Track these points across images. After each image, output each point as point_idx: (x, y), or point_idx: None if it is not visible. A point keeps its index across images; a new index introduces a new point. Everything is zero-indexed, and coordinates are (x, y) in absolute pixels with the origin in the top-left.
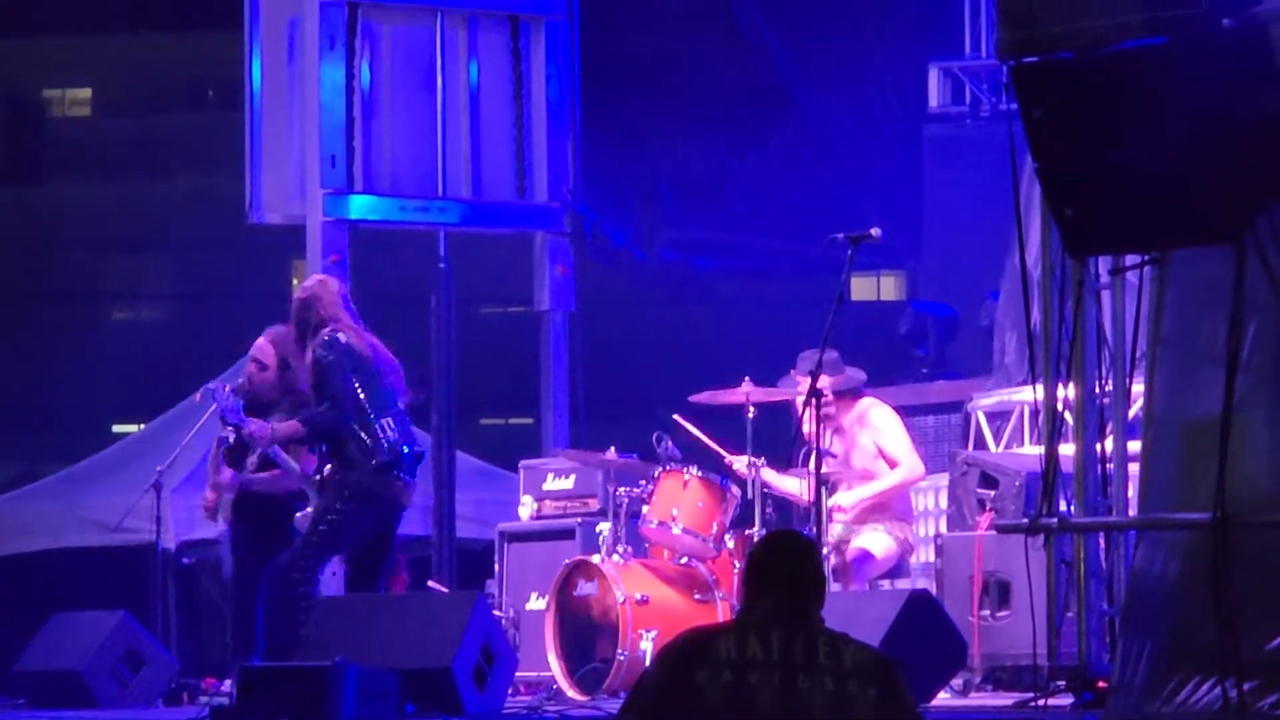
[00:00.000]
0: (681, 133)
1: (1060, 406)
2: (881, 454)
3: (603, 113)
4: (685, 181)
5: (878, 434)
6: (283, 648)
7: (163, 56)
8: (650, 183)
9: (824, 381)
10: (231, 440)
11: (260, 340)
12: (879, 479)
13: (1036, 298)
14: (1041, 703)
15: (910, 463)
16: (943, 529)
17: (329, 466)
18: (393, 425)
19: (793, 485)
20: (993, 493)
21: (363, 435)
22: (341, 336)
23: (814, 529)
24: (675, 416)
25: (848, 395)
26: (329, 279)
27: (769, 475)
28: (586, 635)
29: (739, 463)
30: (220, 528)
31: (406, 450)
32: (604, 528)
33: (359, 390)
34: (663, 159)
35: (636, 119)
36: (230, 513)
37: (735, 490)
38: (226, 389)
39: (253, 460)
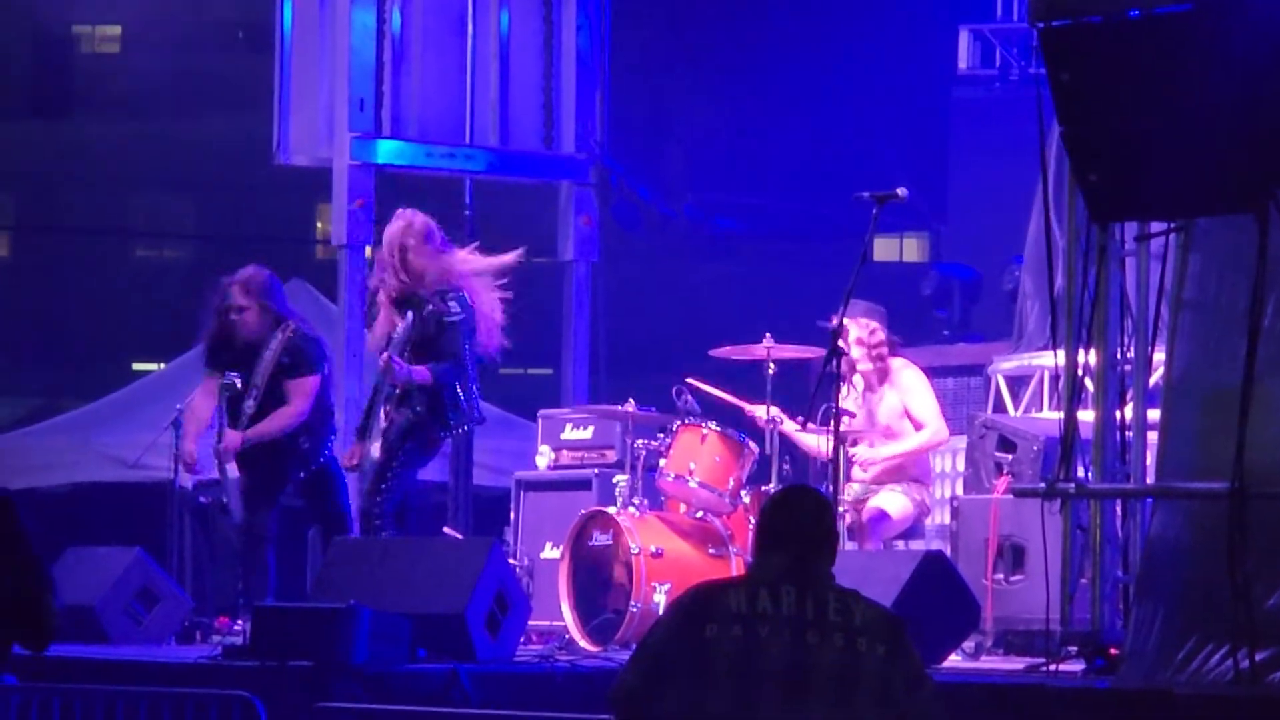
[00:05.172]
0: (709, 93)
1: (1081, 372)
2: (908, 414)
3: (633, 69)
4: (713, 142)
5: (907, 394)
6: None
7: None
8: (680, 141)
9: (875, 325)
10: (240, 385)
11: (231, 289)
12: (903, 438)
13: (1061, 263)
14: (1053, 668)
15: (936, 426)
16: (959, 491)
17: (403, 412)
18: (477, 393)
19: (812, 440)
20: (1010, 457)
21: (461, 397)
22: (468, 297)
23: (831, 487)
24: (689, 380)
25: (886, 348)
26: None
27: (789, 428)
28: (600, 586)
29: (759, 412)
30: (234, 475)
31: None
32: (621, 479)
33: (469, 353)
34: (692, 119)
35: (665, 78)
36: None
37: (753, 446)
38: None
39: (250, 405)
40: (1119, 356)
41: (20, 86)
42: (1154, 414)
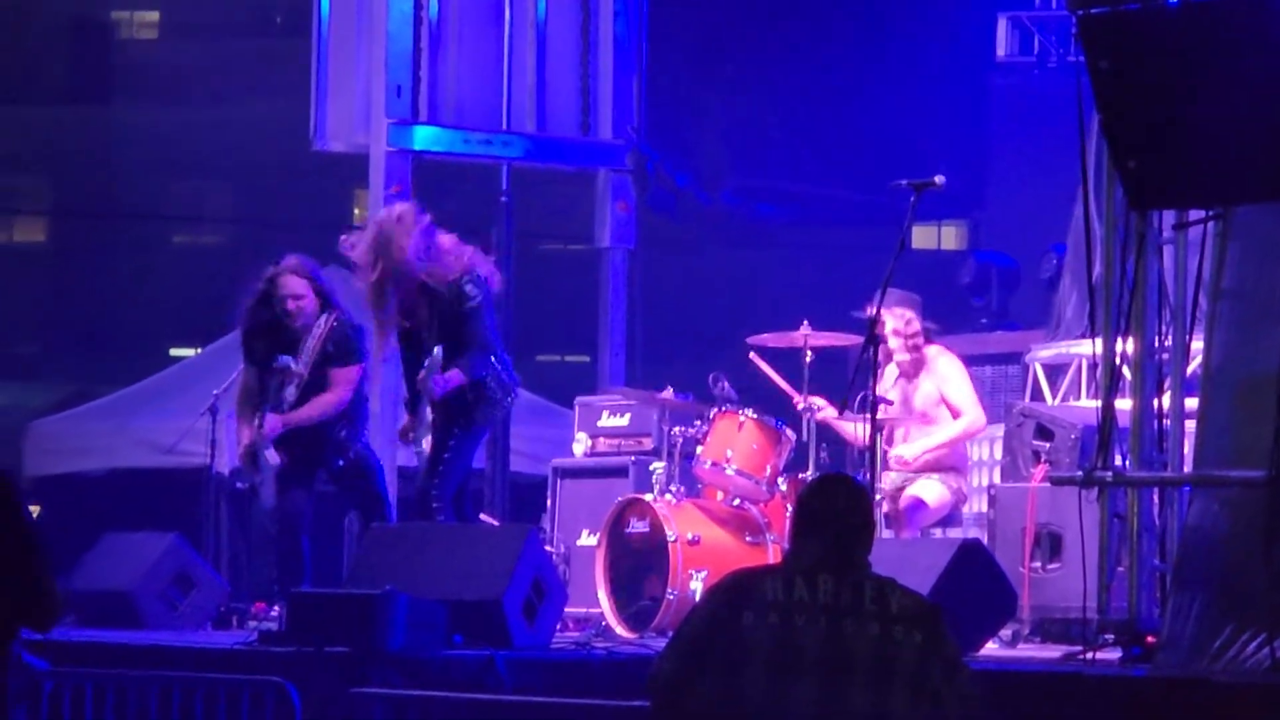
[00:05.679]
0: (747, 80)
1: (1118, 360)
2: (945, 402)
3: (670, 56)
4: (751, 129)
5: (943, 381)
6: None
7: None
8: (717, 128)
9: (911, 315)
10: (297, 384)
11: (284, 279)
12: (941, 426)
13: (1099, 251)
14: (1089, 656)
15: (975, 414)
16: (997, 479)
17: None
18: (508, 360)
19: (850, 428)
20: (1048, 445)
21: (499, 370)
22: (481, 272)
23: (868, 475)
24: (751, 355)
25: (922, 337)
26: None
27: (829, 414)
28: (636, 573)
29: (815, 403)
30: (275, 461)
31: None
32: (658, 466)
33: (492, 328)
34: (729, 106)
35: (703, 65)
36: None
37: (790, 433)
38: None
39: (291, 392)
40: (1157, 345)
41: (58, 72)
42: (1191, 402)
